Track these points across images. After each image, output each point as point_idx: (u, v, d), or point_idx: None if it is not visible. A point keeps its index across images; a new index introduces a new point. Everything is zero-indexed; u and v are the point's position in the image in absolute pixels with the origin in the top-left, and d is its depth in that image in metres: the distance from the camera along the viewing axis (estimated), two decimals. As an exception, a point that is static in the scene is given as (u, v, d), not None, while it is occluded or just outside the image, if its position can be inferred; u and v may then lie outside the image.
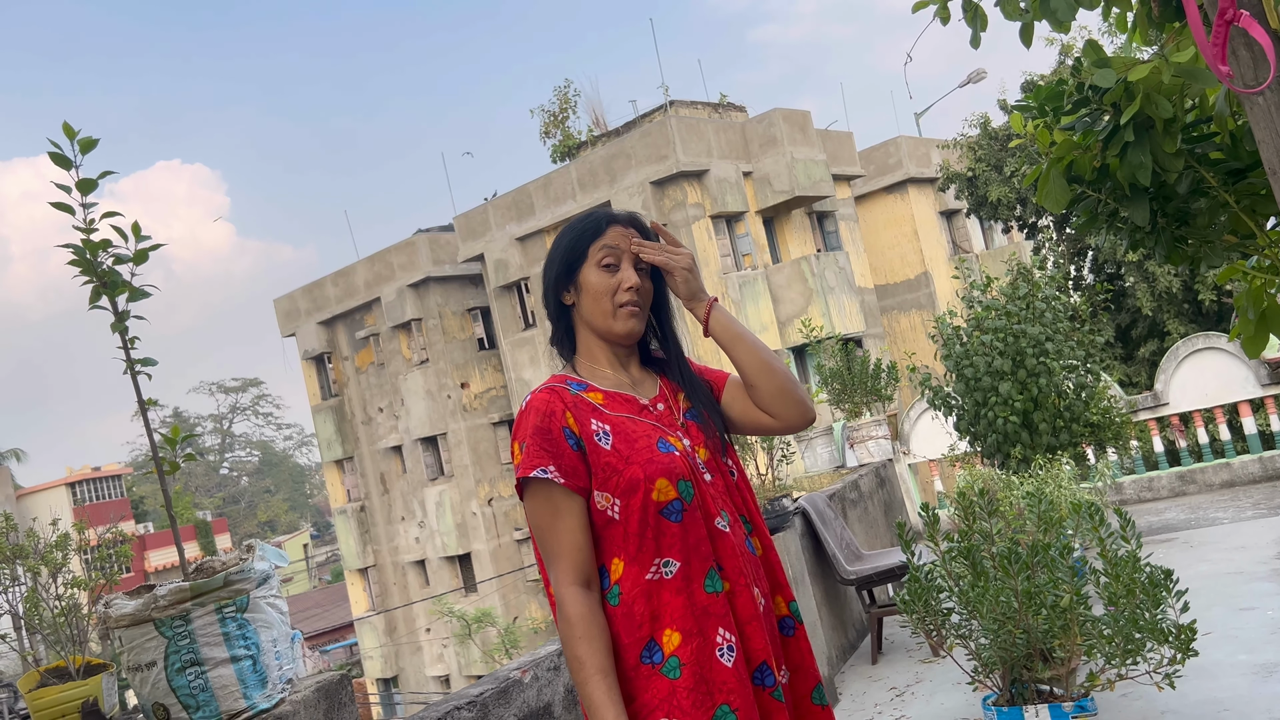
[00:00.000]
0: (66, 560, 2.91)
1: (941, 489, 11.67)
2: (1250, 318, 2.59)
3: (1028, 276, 8.80)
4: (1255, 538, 7.36)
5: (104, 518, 4.88)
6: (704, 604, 1.83)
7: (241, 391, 74.38)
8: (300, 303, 30.31)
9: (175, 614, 2.42)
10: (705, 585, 1.85)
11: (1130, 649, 3.64)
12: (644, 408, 1.99)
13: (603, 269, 1.99)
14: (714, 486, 1.94)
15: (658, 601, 1.84)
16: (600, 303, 1.99)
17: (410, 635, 28.32)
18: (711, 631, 1.83)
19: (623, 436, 1.91)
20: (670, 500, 1.86)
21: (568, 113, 26.42)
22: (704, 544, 1.87)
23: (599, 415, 1.93)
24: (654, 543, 1.85)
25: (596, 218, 2.04)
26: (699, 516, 1.88)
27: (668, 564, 1.85)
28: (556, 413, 1.90)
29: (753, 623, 1.86)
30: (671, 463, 1.88)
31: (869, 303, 24.60)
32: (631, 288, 1.98)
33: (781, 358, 19.94)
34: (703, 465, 1.95)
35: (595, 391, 1.98)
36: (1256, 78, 1.75)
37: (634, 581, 1.85)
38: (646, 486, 1.85)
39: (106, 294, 2.63)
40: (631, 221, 2.06)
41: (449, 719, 3.03)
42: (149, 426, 2.64)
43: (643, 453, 1.88)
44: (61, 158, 2.61)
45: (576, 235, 2.03)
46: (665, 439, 1.92)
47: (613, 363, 2.04)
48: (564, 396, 1.93)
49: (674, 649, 1.81)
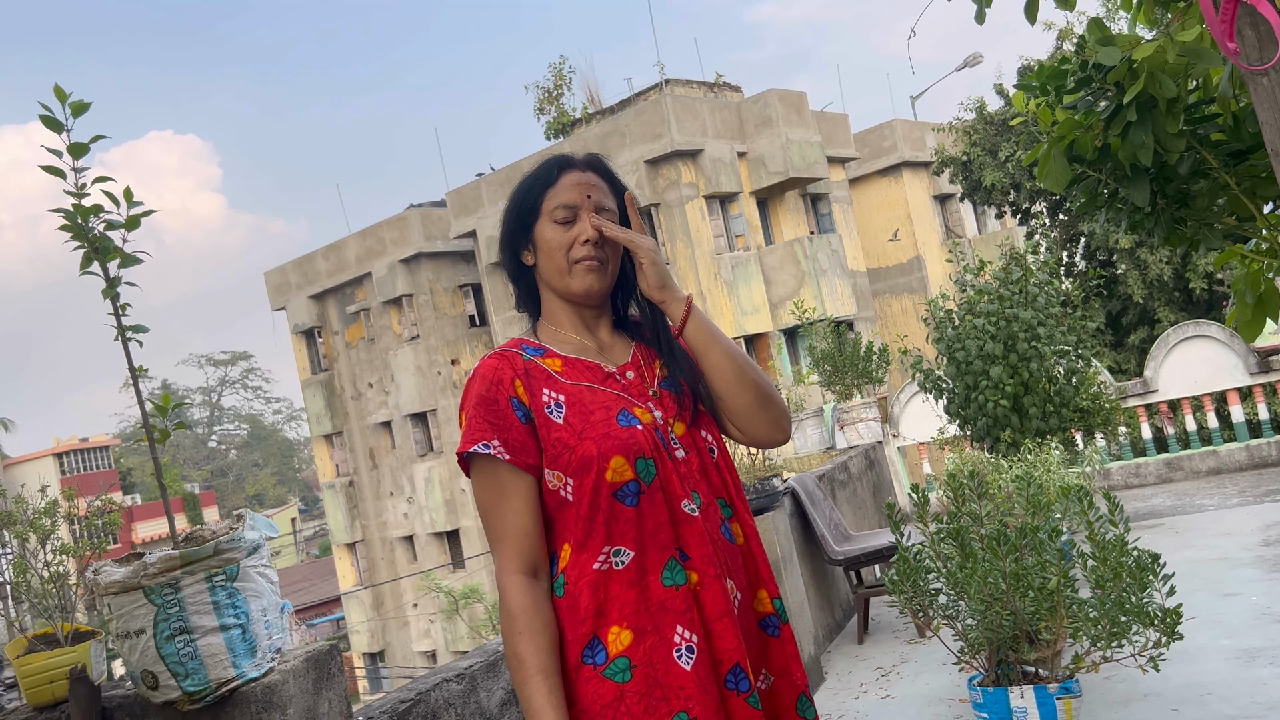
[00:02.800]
0: (55, 527, 2.89)
1: (930, 472, 11.71)
2: (1248, 301, 2.59)
3: (1020, 261, 8.80)
4: (1240, 524, 7.41)
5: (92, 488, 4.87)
6: (661, 599, 1.64)
7: (231, 365, 74.21)
8: (291, 276, 30.19)
9: (165, 582, 2.40)
10: (663, 577, 1.66)
11: (1116, 632, 3.66)
12: (609, 376, 1.79)
13: (557, 224, 1.78)
14: (686, 464, 1.73)
15: (605, 594, 1.65)
16: (554, 259, 1.79)
17: (397, 610, 28.39)
18: (669, 630, 1.63)
19: (577, 408, 1.71)
20: (626, 481, 1.66)
21: (562, 89, 26.27)
22: (664, 530, 1.67)
23: (553, 384, 1.74)
24: (605, 529, 1.66)
25: (548, 164, 1.83)
26: (660, 499, 1.68)
27: (619, 553, 1.66)
28: (504, 381, 1.72)
29: (723, 619, 1.66)
30: (631, 438, 1.68)
31: (861, 285, 24.61)
32: (589, 240, 1.77)
33: (774, 339, 19.72)
34: (675, 440, 1.74)
35: (553, 358, 1.78)
36: (1261, 57, 1.74)
37: (581, 571, 1.66)
38: (600, 465, 1.65)
39: (98, 259, 2.60)
40: (591, 165, 1.84)
41: (438, 691, 3.04)
42: (139, 393, 2.62)
43: (598, 426, 1.69)
44: (53, 120, 2.57)
45: (528, 187, 1.83)
46: (629, 410, 1.72)
47: (577, 326, 1.84)
48: (515, 363, 1.75)
49: (623, 648, 1.63)
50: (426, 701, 3.00)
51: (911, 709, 4.81)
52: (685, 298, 1.81)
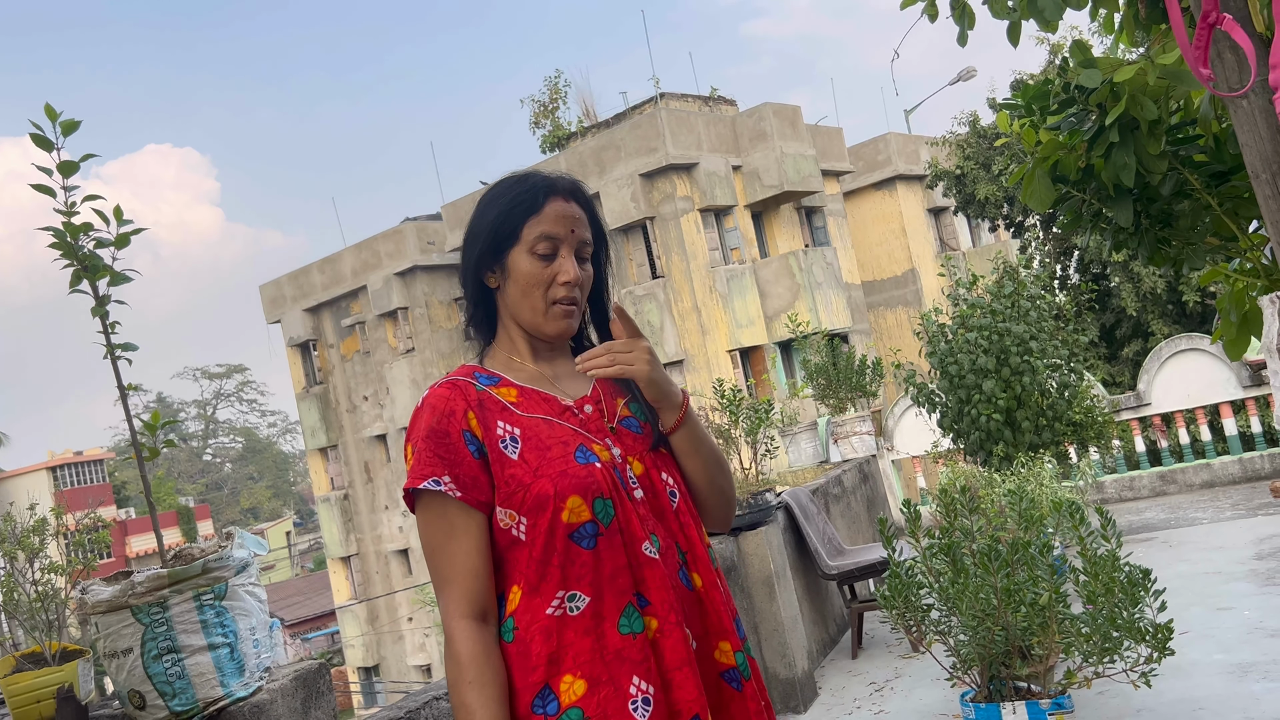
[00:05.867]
0: (44, 545, 2.89)
1: (924, 485, 11.71)
2: (1232, 320, 2.61)
3: (1014, 275, 8.84)
4: (1234, 538, 7.42)
5: (85, 502, 4.84)
6: (617, 647, 1.55)
7: (226, 378, 74.11)
8: (286, 289, 30.19)
9: (153, 601, 2.40)
10: (620, 625, 1.56)
11: (1108, 647, 3.66)
12: (566, 409, 1.69)
13: (536, 256, 1.67)
14: (644, 506, 1.65)
15: (558, 642, 1.55)
16: (530, 297, 1.68)
17: (392, 624, 28.29)
18: (625, 680, 1.54)
19: (533, 444, 1.62)
20: (583, 523, 1.57)
21: (558, 103, 26.35)
22: (622, 575, 1.58)
23: (508, 416, 1.64)
24: (559, 571, 1.56)
25: (532, 188, 1.70)
26: (619, 542, 1.59)
27: (574, 598, 1.56)
28: (456, 413, 1.62)
29: (683, 669, 1.57)
30: (589, 477, 1.59)
31: (856, 299, 24.65)
32: (569, 282, 1.67)
33: (768, 352, 19.70)
34: (634, 480, 1.66)
35: (509, 387, 1.69)
36: (1239, 81, 1.76)
37: (533, 616, 1.57)
38: (556, 505, 1.56)
39: (87, 278, 2.61)
40: (573, 193, 1.73)
41: (428, 709, 3.03)
42: (129, 412, 2.63)
43: (555, 464, 1.59)
44: (43, 139, 2.59)
45: (506, 210, 1.69)
46: (587, 447, 1.63)
47: (535, 354, 1.74)
48: (468, 394, 1.64)
49: (576, 699, 1.53)
50: (417, 718, 2.99)
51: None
52: (681, 404, 1.73)
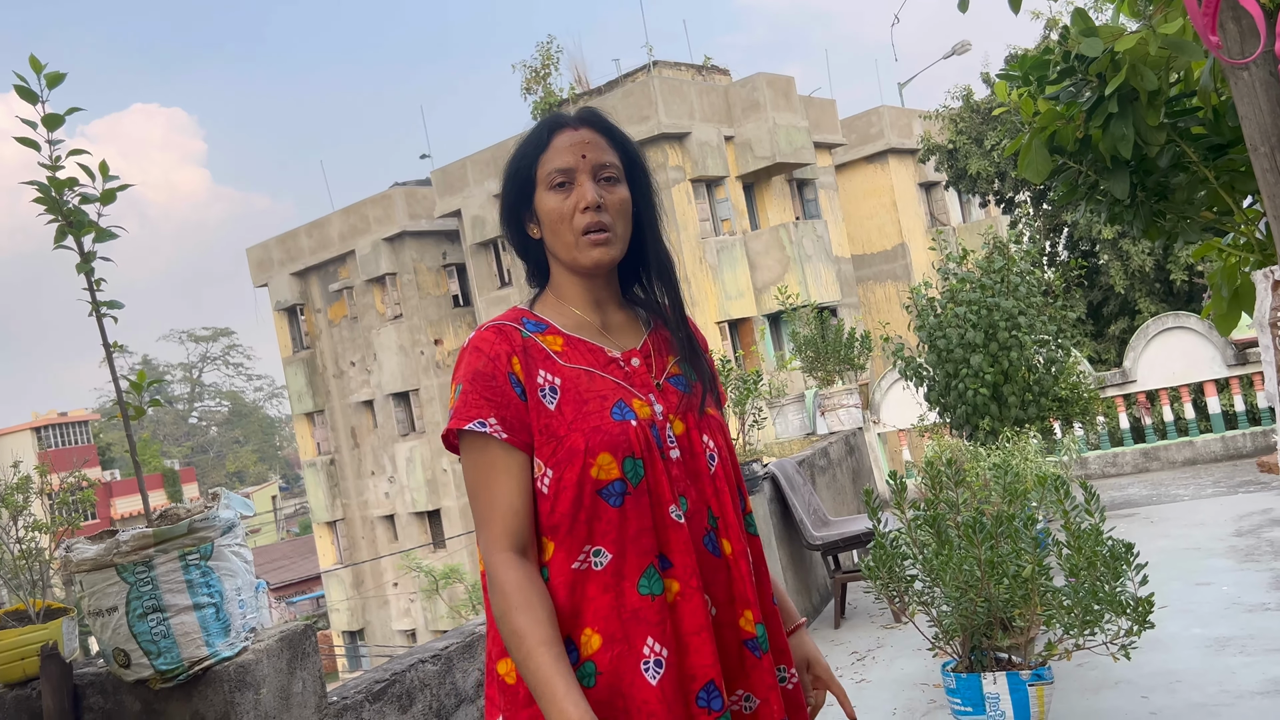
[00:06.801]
0: (27, 503, 2.87)
1: (910, 458, 11.76)
2: (1224, 295, 2.60)
3: (1003, 251, 8.83)
4: (1214, 515, 7.48)
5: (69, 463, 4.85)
6: (634, 607, 1.54)
7: (212, 341, 73.76)
8: (273, 253, 30.00)
9: (138, 560, 2.39)
10: (640, 585, 1.55)
11: (1089, 620, 3.68)
12: (611, 361, 1.66)
13: (555, 190, 1.65)
14: (678, 466, 1.62)
15: (581, 596, 1.55)
16: (559, 233, 1.65)
17: (378, 589, 28.39)
18: (639, 640, 1.53)
19: (571, 395, 1.60)
20: (611, 480, 1.56)
21: (550, 69, 26.11)
22: (646, 536, 1.56)
23: (550, 365, 1.62)
24: (586, 527, 1.56)
25: (538, 128, 1.69)
26: (646, 503, 1.57)
27: (598, 553, 1.56)
28: (502, 356, 1.60)
29: (700, 634, 1.56)
30: (623, 434, 1.57)
31: (845, 272, 24.64)
32: (589, 205, 1.63)
33: (757, 324, 19.78)
34: (671, 439, 1.63)
35: (555, 335, 1.66)
36: (1244, 50, 1.74)
37: (560, 569, 1.57)
38: (586, 460, 1.55)
39: (72, 233, 2.57)
40: (585, 120, 1.70)
41: (413, 671, 3.04)
42: (114, 369, 2.60)
43: (590, 418, 1.58)
44: (28, 92, 2.54)
45: (519, 157, 1.69)
46: (626, 403, 1.61)
47: (585, 301, 1.71)
48: (513, 339, 1.63)
49: (592, 653, 1.54)
50: (402, 682, 3.00)
51: (886, 693, 4.84)
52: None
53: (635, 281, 1.80)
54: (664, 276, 1.76)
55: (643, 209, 1.74)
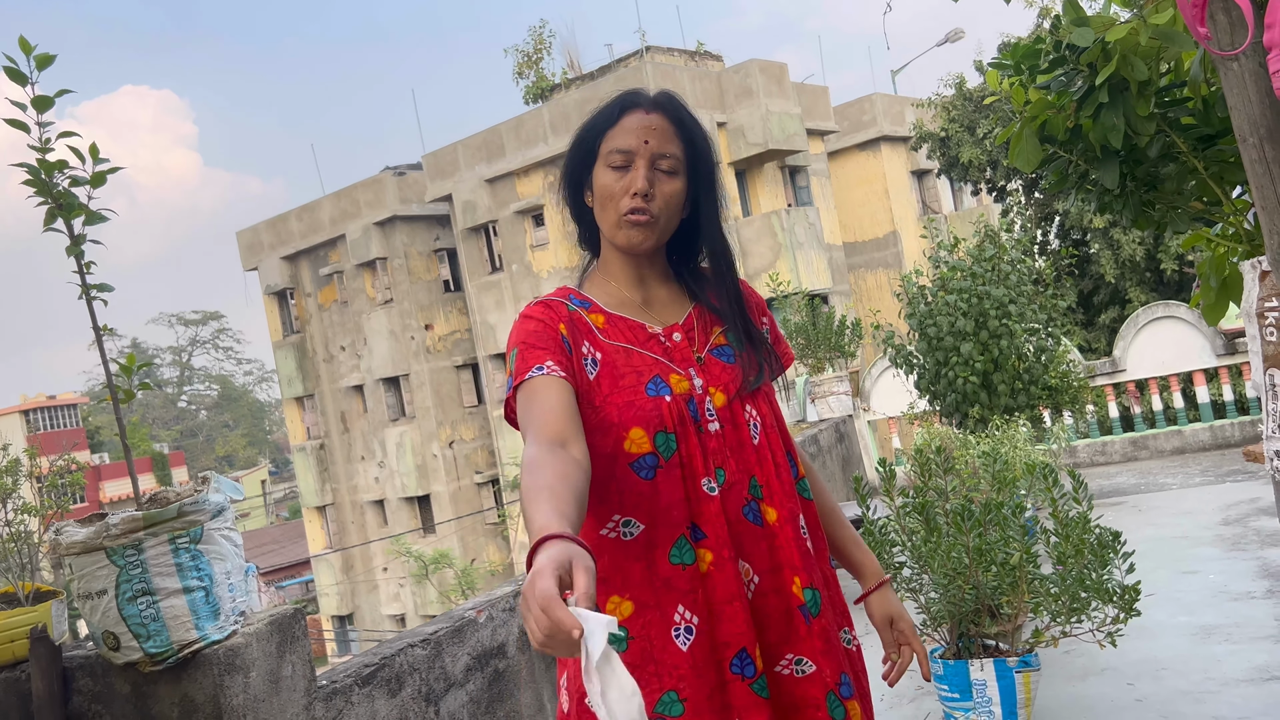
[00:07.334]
0: (16, 486, 2.87)
1: (899, 446, 11.80)
2: (1212, 285, 2.62)
3: (995, 239, 8.85)
4: (1202, 504, 7.52)
5: (58, 446, 4.85)
6: (666, 575, 1.58)
7: (202, 324, 73.44)
8: (264, 236, 29.88)
9: (127, 543, 2.39)
10: (671, 554, 1.59)
11: (1076, 607, 3.71)
12: (651, 337, 1.70)
13: (612, 168, 1.69)
14: (718, 438, 1.64)
15: (609, 563, 1.60)
16: (606, 210, 1.70)
17: (367, 574, 28.41)
18: (670, 608, 1.58)
19: (609, 370, 1.65)
20: (643, 454, 1.60)
21: (542, 54, 26.05)
22: (678, 508, 1.60)
23: (593, 339, 1.68)
24: (616, 497, 1.60)
25: (612, 104, 1.73)
26: (677, 476, 1.60)
27: (628, 523, 1.60)
28: (551, 319, 1.67)
29: (734, 603, 1.58)
30: (655, 410, 1.61)
31: (837, 259, 24.65)
32: (635, 192, 1.66)
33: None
34: (711, 411, 1.65)
35: (598, 313, 1.72)
36: (1233, 41, 1.75)
37: (586, 534, 1.61)
38: (618, 434, 1.60)
39: (62, 216, 2.56)
40: (657, 105, 1.72)
41: (403, 655, 3.05)
42: (104, 352, 2.59)
43: (625, 393, 1.62)
44: (17, 73, 2.53)
45: (588, 127, 1.74)
46: (663, 378, 1.65)
47: (629, 278, 1.75)
48: (560, 311, 1.69)
49: (622, 619, 1.58)
50: (391, 666, 3.01)
51: (874, 680, 4.87)
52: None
53: (689, 261, 1.83)
54: (719, 263, 1.80)
55: (703, 199, 1.77)
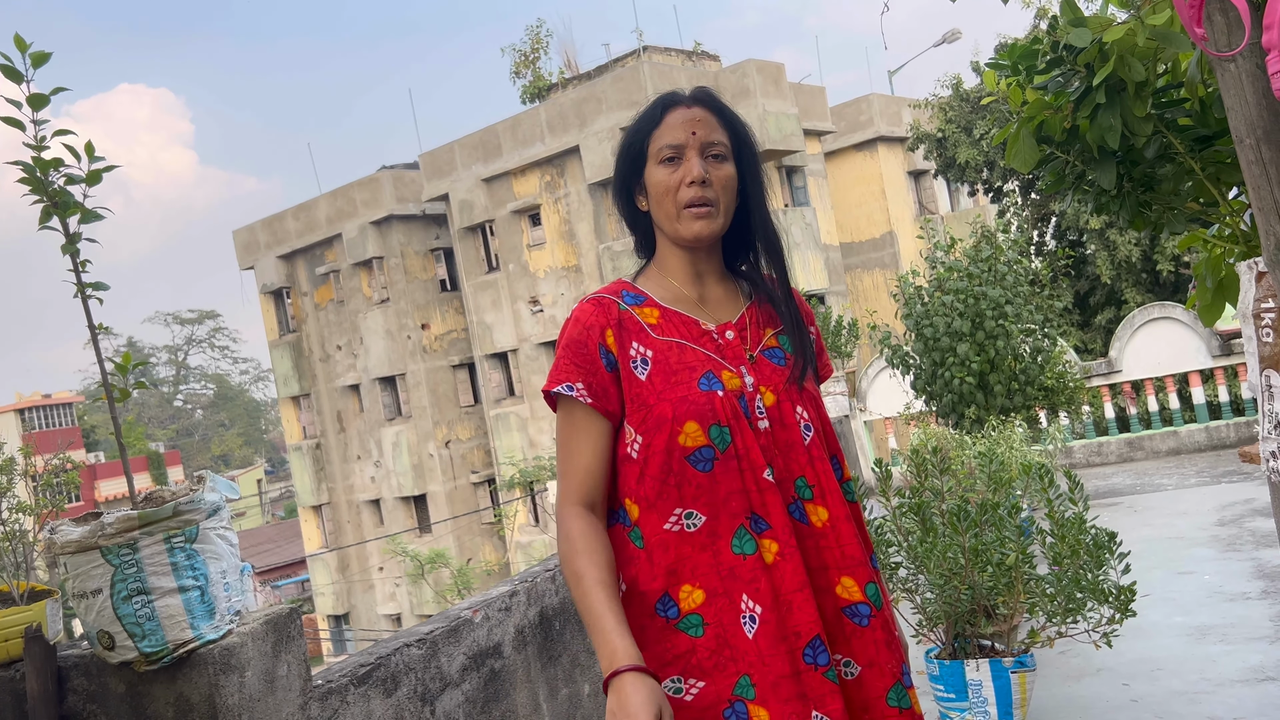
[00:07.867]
0: (11, 485, 2.86)
1: (896, 446, 11.81)
2: (1208, 286, 2.62)
3: (991, 240, 8.86)
4: (1197, 505, 7.54)
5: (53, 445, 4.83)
6: (730, 565, 1.62)
7: (198, 323, 73.32)
8: (260, 235, 29.84)
9: (122, 542, 2.38)
10: (733, 544, 1.63)
11: (1071, 608, 3.71)
12: (705, 334, 1.73)
13: (664, 164, 1.73)
14: (766, 437, 1.67)
15: (676, 554, 1.64)
16: (664, 205, 1.73)
17: (363, 573, 28.39)
18: (736, 596, 1.62)
19: (662, 367, 1.68)
20: (699, 447, 1.63)
21: (539, 53, 26.03)
22: (736, 499, 1.63)
23: (644, 338, 1.70)
24: (676, 491, 1.64)
25: (653, 105, 1.79)
26: (735, 467, 1.64)
27: (690, 515, 1.64)
28: (595, 328, 1.70)
29: (803, 591, 1.61)
30: (708, 404, 1.64)
31: (833, 260, 24.67)
32: (694, 180, 1.70)
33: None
34: (761, 410, 1.68)
35: (652, 308, 1.74)
36: (1230, 42, 1.75)
37: (652, 529, 1.66)
38: (673, 428, 1.63)
39: (57, 214, 2.55)
40: (699, 99, 1.78)
41: (398, 655, 3.04)
42: (99, 351, 2.59)
43: (678, 388, 1.65)
44: (12, 70, 2.52)
45: (634, 131, 1.79)
46: (715, 374, 1.67)
47: (686, 274, 1.77)
48: (610, 311, 1.72)
49: (695, 606, 1.63)
50: (386, 665, 3.00)
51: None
52: None
53: (742, 256, 1.85)
54: (771, 252, 1.81)
55: (750, 186, 1.80)
